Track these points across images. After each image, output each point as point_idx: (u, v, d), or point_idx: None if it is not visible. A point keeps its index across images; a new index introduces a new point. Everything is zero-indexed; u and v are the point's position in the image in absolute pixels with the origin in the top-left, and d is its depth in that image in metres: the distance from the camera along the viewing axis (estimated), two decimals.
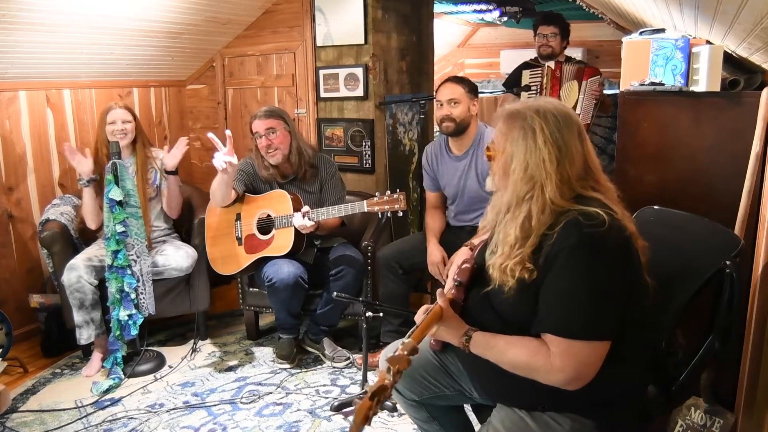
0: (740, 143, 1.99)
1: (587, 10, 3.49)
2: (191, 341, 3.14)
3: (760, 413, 1.80)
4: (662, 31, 2.33)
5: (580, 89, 3.46)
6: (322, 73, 3.65)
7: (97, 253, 2.84)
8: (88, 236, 3.04)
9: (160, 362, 2.91)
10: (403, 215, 2.69)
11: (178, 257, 2.95)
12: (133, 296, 2.73)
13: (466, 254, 1.79)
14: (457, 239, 2.62)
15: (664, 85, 2.20)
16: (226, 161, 2.56)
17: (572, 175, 1.32)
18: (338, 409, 2.48)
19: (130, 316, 2.72)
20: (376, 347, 2.98)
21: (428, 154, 2.94)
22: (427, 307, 1.47)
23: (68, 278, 2.72)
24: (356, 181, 3.66)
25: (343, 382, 2.74)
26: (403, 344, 1.21)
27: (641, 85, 2.23)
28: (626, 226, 1.30)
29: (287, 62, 3.79)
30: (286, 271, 2.69)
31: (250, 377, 2.80)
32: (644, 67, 2.27)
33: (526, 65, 3.70)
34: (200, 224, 3.09)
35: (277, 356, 2.92)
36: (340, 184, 2.98)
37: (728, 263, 1.46)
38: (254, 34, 3.86)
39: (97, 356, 2.86)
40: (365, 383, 2.53)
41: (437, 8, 4.74)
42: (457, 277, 1.50)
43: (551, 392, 1.33)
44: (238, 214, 2.93)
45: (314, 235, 2.85)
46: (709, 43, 2.16)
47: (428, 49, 4.12)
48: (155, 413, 2.49)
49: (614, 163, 2.33)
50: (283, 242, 2.77)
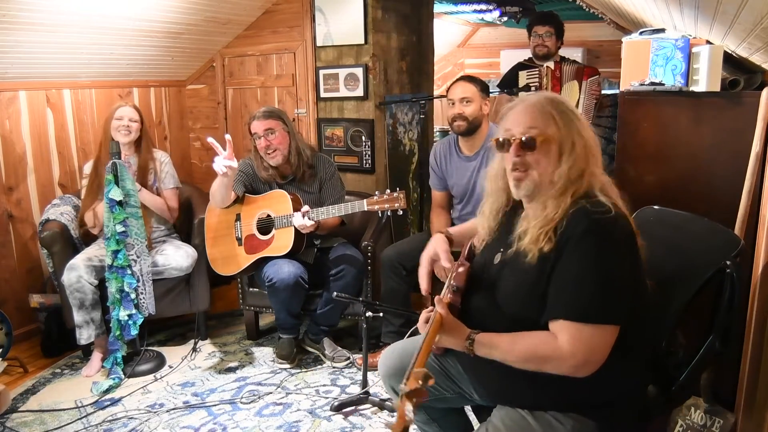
0: (740, 143, 1.99)
1: (587, 10, 3.49)
2: (191, 341, 3.14)
3: (760, 413, 1.80)
4: (662, 31, 2.33)
5: (580, 89, 3.46)
6: (322, 73, 3.65)
7: (97, 253, 2.84)
8: (88, 236, 3.04)
9: (160, 362, 2.91)
10: (403, 215, 2.69)
11: (178, 257, 2.95)
12: (133, 296, 2.73)
13: (443, 242, 1.71)
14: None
15: (664, 85, 2.20)
16: (226, 165, 2.56)
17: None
18: (338, 409, 2.48)
19: (130, 316, 2.72)
20: (376, 347, 2.98)
21: (436, 152, 2.94)
22: (427, 315, 1.44)
23: (68, 278, 2.72)
24: (356, 181, 3.66)
25: (343, 382, 2.74)
26: (413, 374, 1.14)
27: (641, 85, 2.23)
28: (629, 219, 1.34)
29: (287, 62, 3.79)
30: (286, 271, 2.69)
31: (250, 377, 2.80)
32: (644, 67, 2.27)
33: (521, 66, 3.70)
34: (200, 224, 3.09)
35: (277, 356, 2.92)
36: (339, 183, 2.98)
37: (728, 263, 1.47)
38: (254, 34, 3.86)
39: (97, 356, 2.86)
40: (365, 383, 2.53)
41: (437, 8, 4.74)
42: (453, 282, 1.49)
43: (552, 391, 1.33)
44: (237, 214, 2.93)
45: (314, 235, 2.86)
46: (709, 43, 2.16)
47: (428, 49, 4.12)
48: (155, 413, 2.49)
49: (614, 163, 2.33)
50: (283, 242, 2.77)
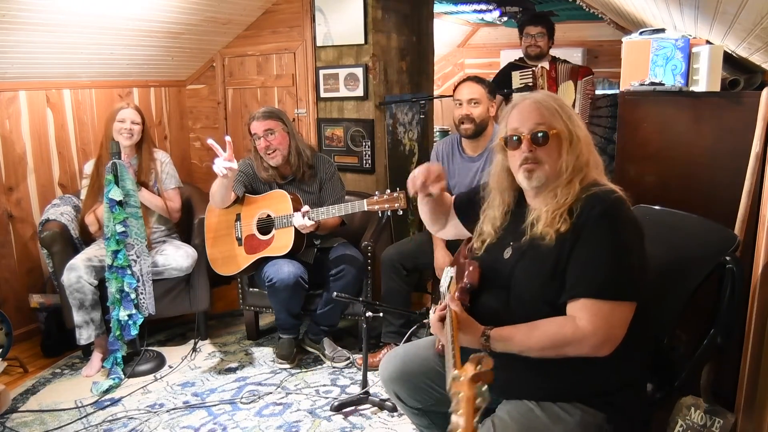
0: (740, 143, 1.99)
1: (587, 10, 3.48)
2: (191, 341, 3.14)
3: (760, 413, 1.80)
4: (662, 31, 2.33)
5: (576, 89, 3.46)
6: (322, 73, 3.65)
7: (97, 253, 2.84)
8: (88, 236, 3.04)
9: (160, 362, 2.91)
10: (403, 215, 2.69)
11: (178, 257, 2.95)
12: (133, 296, 2.73)
13: (438, 170, 1.61)
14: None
15: (664, 85, 2.20)
16: (225, 167, 2.56)
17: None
18: (338, 409, 2.48)
19: (130, 316, 2.72)
20: (376, 347, 2.98)
21: (439, 152, 2.93)
22: (441, 314, 1.43)
23: (68, 278, 2.72)
24: (356, 181, 3.66)
25: (343, 382, 2.74)
26: (471, 359, 1.05)
27: (641, 85, 2.23)
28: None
29: (287, 62, 3.79)
30: (286, 271, 2.69)
31: (250, 377, 2.80)
32: (644, 67, 2.27)
33: (513, 66, 3.70)
34: (200, 224, 3.09)
35: (277, 356, 2.92)
36: (339, 183, 2.98)
37: (729, 258, 1.47)
38: (254, 34, 3.86)
39: (97, 356, 2.86)
40: (365, 383, 2.53)
41: (437, 8, 4.73)
42: (466, 280, 1.49)
43: (559, 382, 1.35)
44: (237, 214, 2.93)
45: (314, 235, 2.86)
46: (709, 43, 2.16)
47: (428, 49, 4.12)
48: (155, 413, 2.49)
49: (614, 163, 2.34)
50: (283, 242, 2.77)
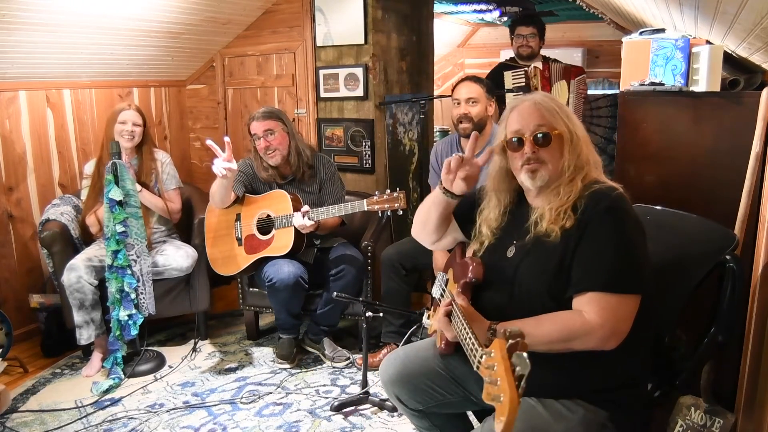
0: (740, 143, 1.99)
1: (587, 10, 3.48)
2: (191, 341, 3.14)
3: (760, 413, 1.80)
4: (662, 31, 2.33)
5: (569, 89, 3.47)
6: (322, 73, 3.65)
7: (97, 253, 2.84)
8: (88, 236, 3.04)
9: (160, 362, 2.91)
10: (403, 215, 2.69)
11: (178, 257, 2.95)
12: (133, 296, 2.73)
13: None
14: None
15: (664, 85, 2.20)
16: (225, 167, 2.56)
17: None
18: (338, 409, 2.48)
19: (130, 316, 2.72)
20: (376, 347, 2.98)
21: (438, 151, 2.93)
22: (447, 310, 1.42)
23: (68, 278, 2.72)
24: (356, 181, 3.66)
25: (343, 382, 2.74)
26: (501, 334, 1.07)
27: (641, 85, 2.22)
28: None
29: (287, 62, 3.79)
30: (286, 271, 2.69)
31: (250, 377, 2.80)
32: (644, 67, 2.27)
33: (504, 66, 3.70)
34: (200, 224, 3.09)
35: (277, 356, 2.92)
36: (339, 183, 2.98)
37: (729, 257, 1.48)
38: (254, 34, 3.86)
39: (97, 356, 2.86)
40: (365, 383, 2.53)
41: (437, 8, 4.74)
42: (471, 275, 1.49)
43: (562, 379, 1.35)
44: (237, 214, 2.93)
45: (314, 235, 2.86)
46: (709, 43, 2.16)
47: (428, 49, 4.12)
48: (155, 413, 2.49)
49: (614, 163, 2.33)
50: (283, 242, 2.77)
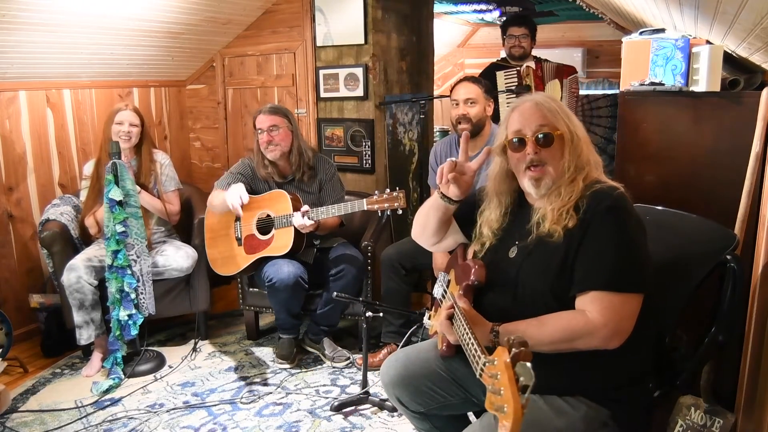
0: (740, 143, 1.99)
1: (587, 10, 3.48)
2: (191, 341, 3.14)
3: (760, 413, 1.80)
4: (662, 31, 2.33)
5: (562, 88, 3.48)
6: (322, 73, 3.65)
7: (96, 253, 2.84)
8: (88, 236, 3.04)
9: (160, 362, 2.91)
10: (403, 215, 2.69)
11: (178, 258, 2.95)
12: (133, 296, 2.73)
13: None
14: None
15: (664, 85, 2.20)
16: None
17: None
18: (338, 409, 2.48)
19: (130, 316, 2.72)
20: (376, 347, 2.98)
21: (437, 151, 2.93)
22: (449, 313, 1.42)
23: (68, 279, 2.72)
24: (356, 181, 3.66)
25: (343, 382, 2.74)
26: (504, 343, 1.07)
27: (641, 85, 2.22)
28: None
29: (287, 62, 3.79)
30: (286, 271, 2.69)
31: (250, 377, 2.80)
32: (644, 67, 2.27)
33: (496, 66, 3.71)
34: (200, 224, 3.09)
35: (277, 356, 2.92)
36: (339, 185, 2.98)
37: (729, 257, 1.48)
38: (254, 34, 3.86)
39: (97, 356, 2.86)
40: (365, 383, 2.53)
41: (437, 8, 4.74)
42: (473, 277, 1.49)
43: (565, 376, 1.35)
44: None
45: (314, 235, 2.86)
46: (709, 43, 2.16)
47: (428, 49, 4.12)
48: (155, 413, 2.49)
49: (614, 163, 2.34)
50: (282, 242, 2.77)
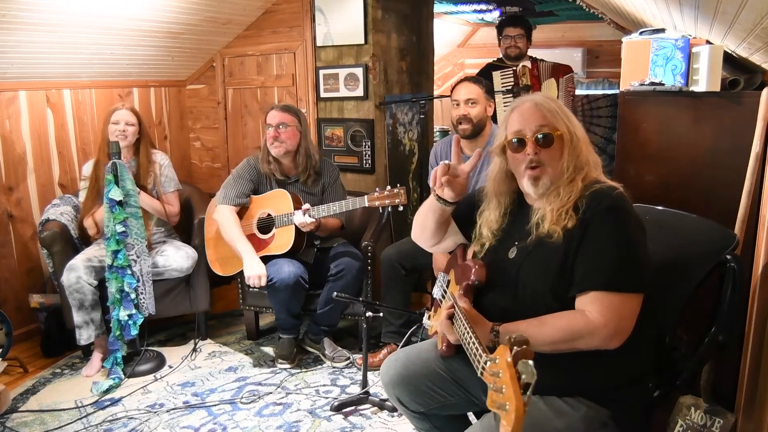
0: (740, 143, 1.99)
1: (587, 10, 3.49)
2: (191, 341, 3.14)
3: (760, 413, 1.80)
4: (662, 31, 2.33)
5: (558, 87, 3.48)
6: (322, 73, 3.65)
7: (96, 253, 2.84)
8: (87, 237, 3.03)
9: (160, 362, 2.91)
10: (403, 215, 2.69)
11: (178, 258, 2.95)
12: (133, 296, 2.73)
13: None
14: None
15: (664, 85, 2.20)
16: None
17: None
18: (338, 409, 2.48)
19: (130, 316, 2.72)
20: (376, 347, 2.98)
21: (437, 151, 2.93)
22: (449, 312, 1.42)
23: (67, 279, 2.72)
24: (356, 180, 3.66)
25: (343, 382, 2.74)
26: (506, 342, 1.08)
27: (641, 85, 2.23)
28: None
29: (287, 62, 3.79)
30: (286, 271, 2.69)
31: (250, 377, 2.80)
32: (644, 67, 2.27)
33: (492, 66, 3.71)
34: (200, 224, 3.09)
35: (277, 356, 2.92)
36: (341, 189, 2.99)
37: (729, 257, 1.48)
38: (254, 34, 3.86)
39: (97, 356, 2.86)
40: (365, 383, 2.53)
41: (437, 8, 4.74)
42: (474, 277, 1.49)
43: (564, 376, 1.35)
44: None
45: (314, 235, 2.86)
46: (709, 43, 2.16)
47: (428, 49, 4.12)
48: (155, 413, 2.49)
49: (614, 163, 2.34)
50: (283, 240, 2.77)
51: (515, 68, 3.50)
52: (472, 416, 1.87)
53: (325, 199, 2.92)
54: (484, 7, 5.15)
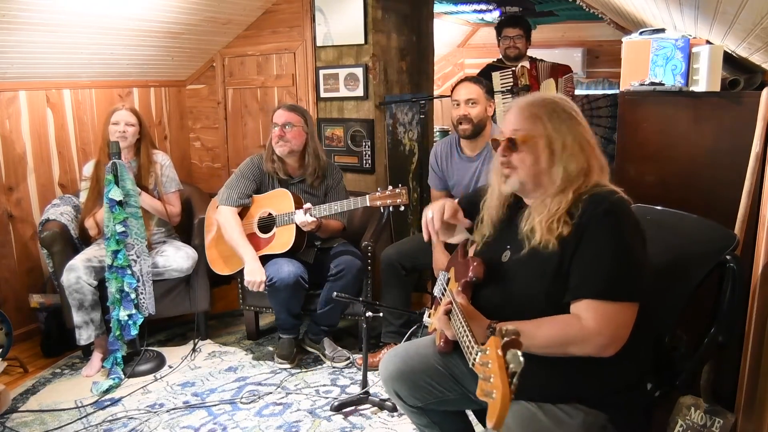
0: (740, 143, 1.99)
1: (587, 10, 3.49)
2: (191, 341, 3.14)
3: (760, 413, 1.80)
4: (662, 31, 2.33)
5: (557, 87, 3.48)
6: (322, 73, 3.65)
7: (96, 253, 2.84)
8: (87, 237, 3.03)
9: (160, 362, 2.91)
10: (403, 215, 2.69)
11: (178, 258, 2.95)
12: (133, 296, 2.73)
13: (453, 206, 1.67)
14: None
15: (664, 85, 2.20)
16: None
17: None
18: (338, 409, 2.48)
19: (130, 316, 2.72)
20: (376, 347, 2.98)
21: (437, 152, 2.93)
22: (447, 308, 1.42)
23: (67, 279, 2.72)
24: (356, 180, 3.66)
25: (343, 382, 2.74)
26: (498, 331, 1.13)
27: (641, 85, 2.23)
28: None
29: (287, 62, 3.79)
30: (286, 270, 2.69)
31: (250, 377, 2.80)
32: (644, 67, 2.27)
33: (492, 67, 3.72)
34: (200, 224, 3.09)
35: (277, 356, 2.92)
36: (344, 191, 2.99)
37: (729, 257, 1.48)
38: (254, 34, 3.86)
39: (97, 356, 2.86)
40: (365, 383, 2.53)
41: (437, 8, 4.74)
42: (471, 273, 1.50)
43: (560, 380, 1.35)
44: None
45: (315, 236, 2.86)
46: (709, 43, 2.16)
47: (428, 49, 4.12)
48: (155, 413, 2.49)
49: (614, 163, 2.34)
50: (284, 240, 2.78)
51: (514, 69, 3.51)
52: (472, 416, 1.87)
53: (327, 200, 2.92)
54: (484, 7, 5.14)
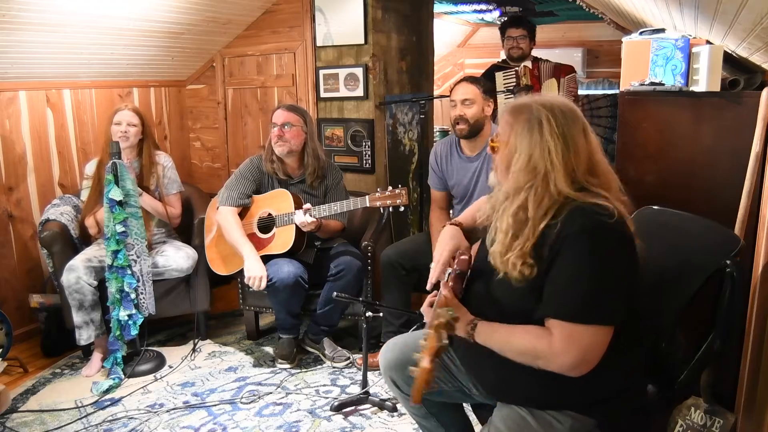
0: (740, 143, 1.99)
1: (587, 10, 3.49)
2: (191, 341, 3.14)
3: (760, 413, 1.80)
4: (662, 31, 2.33)
5: (559, 87, 3.48)
6: (322, 73, 3.65)
7: (96, 253, 2.84)
8: (87, 237, 3.04)
9: (160, 362, 2.91)
10: (403, 215, 2.69)
11: (178, 258, 2.95)
12: (133, 296, 2.73)
13: (455, 235, 1.67)
14: None
15: (664, 85, 2.20)
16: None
17: (577, 168, 1.32)
18: (338, 409, 2.48)
19: (130, 316, 2.72)
20: (376, 347, 2.97)
21: (437, 152, 2.93)
22: (432, 300, 1.46)
23: (67, 279, 2.72)
24: (356, 180, 3.66)
25: (343, 382, 2.74)
26: (437, 313, 1.27)
27: (641, 85, 2.23)
28: (628, 224, 1.32)
29: (287, 62, 3.79)
30: (286, 270, 2.69)
31: (250, 377, 2.80)
32: (644, 67, 2.27)
33: (496, 67, 3.72)
34: (200, 224, 3.09)
35: (277, 356, 2.92)
36: (344, 192, 2.99)
37: (729, 262, 1.47)
38: (254, 34, 3.86)
39: (97, 356, 2.86)
40: (365, 383, 2.53)
41: (437, 8, 4.74)
42: (456, 266, 1.50)
43: (549, 388, 1.34)
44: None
45: (315, 236, 2.86)
46: (709, 43, 2.16)
47: (428, 49, 4.12)
48: (155, 413, 2.49)
49: (614, 163, 2.34)
50: (283, 240, 2.77)
51: (517, 69, 3.51)
52: (472, 417, 1.87)
53: (327, 201, 2.92)
54: (484, 7, 5.14)
